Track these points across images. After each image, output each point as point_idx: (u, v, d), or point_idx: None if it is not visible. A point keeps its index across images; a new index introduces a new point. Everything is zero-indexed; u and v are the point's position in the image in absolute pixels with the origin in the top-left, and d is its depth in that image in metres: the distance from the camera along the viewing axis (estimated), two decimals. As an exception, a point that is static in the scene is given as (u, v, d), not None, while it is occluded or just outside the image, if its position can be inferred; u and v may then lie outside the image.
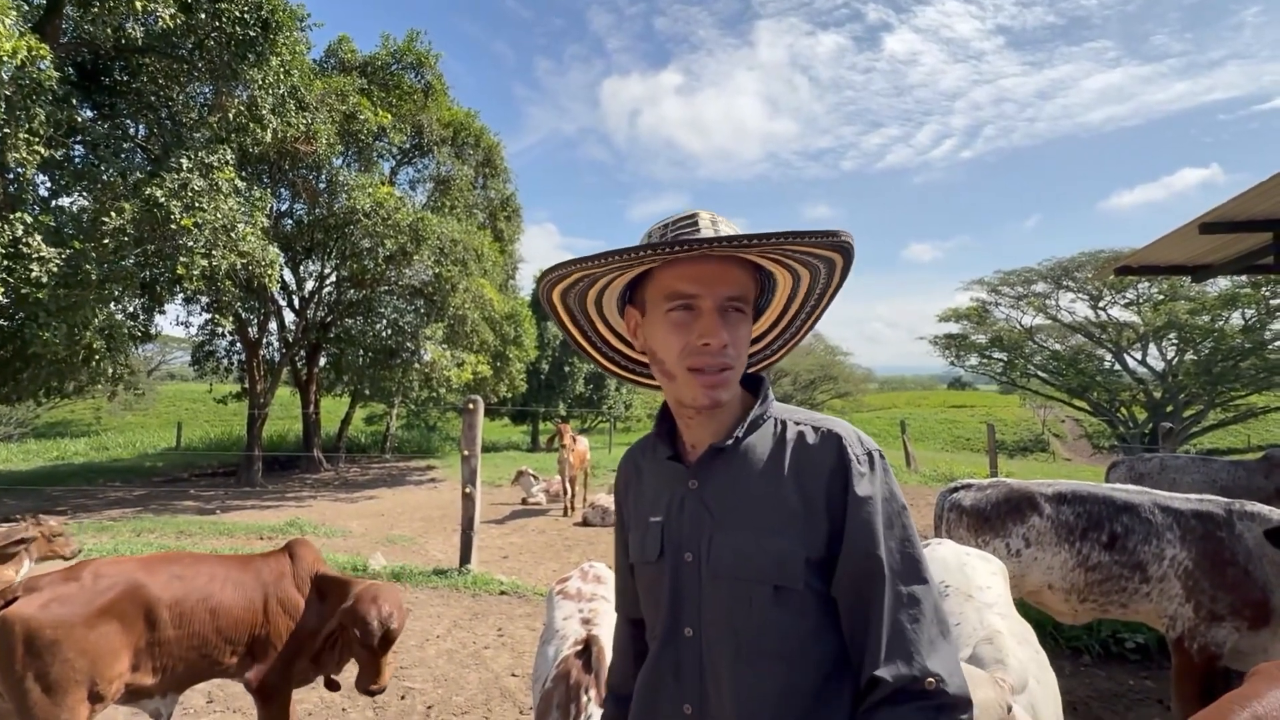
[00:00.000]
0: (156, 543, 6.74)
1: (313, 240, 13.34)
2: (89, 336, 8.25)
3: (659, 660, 0.93)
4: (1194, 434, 22.37)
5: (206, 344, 14.15)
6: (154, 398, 28.48)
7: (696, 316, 0.87)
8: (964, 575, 1.78)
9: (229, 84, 9.27)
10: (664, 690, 0.91)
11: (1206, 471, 4.22)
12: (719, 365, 0.87)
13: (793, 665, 0.83)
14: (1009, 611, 1.64)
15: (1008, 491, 2.94)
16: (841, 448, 0.87)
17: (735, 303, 0.88)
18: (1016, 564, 2.80)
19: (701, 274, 0.86)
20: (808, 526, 0.84)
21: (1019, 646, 1.41)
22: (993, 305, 26.07)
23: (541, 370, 21.67)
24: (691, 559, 0.90)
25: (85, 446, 19.29)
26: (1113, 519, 2.61)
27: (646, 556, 0.96)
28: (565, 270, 0.90)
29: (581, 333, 1.06)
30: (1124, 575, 2.54)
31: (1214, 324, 21.15)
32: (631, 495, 1.04)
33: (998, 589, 1.73)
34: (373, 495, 11.27)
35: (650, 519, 0.96)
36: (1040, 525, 2.77)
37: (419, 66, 14.02)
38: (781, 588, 0.83)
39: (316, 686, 3.45)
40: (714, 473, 0.91)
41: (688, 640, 0.89)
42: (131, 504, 10.06)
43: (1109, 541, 2.58)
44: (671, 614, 0.91)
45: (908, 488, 10.45)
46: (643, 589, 0.99)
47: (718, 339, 0.86)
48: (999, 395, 40.86)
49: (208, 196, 8.58)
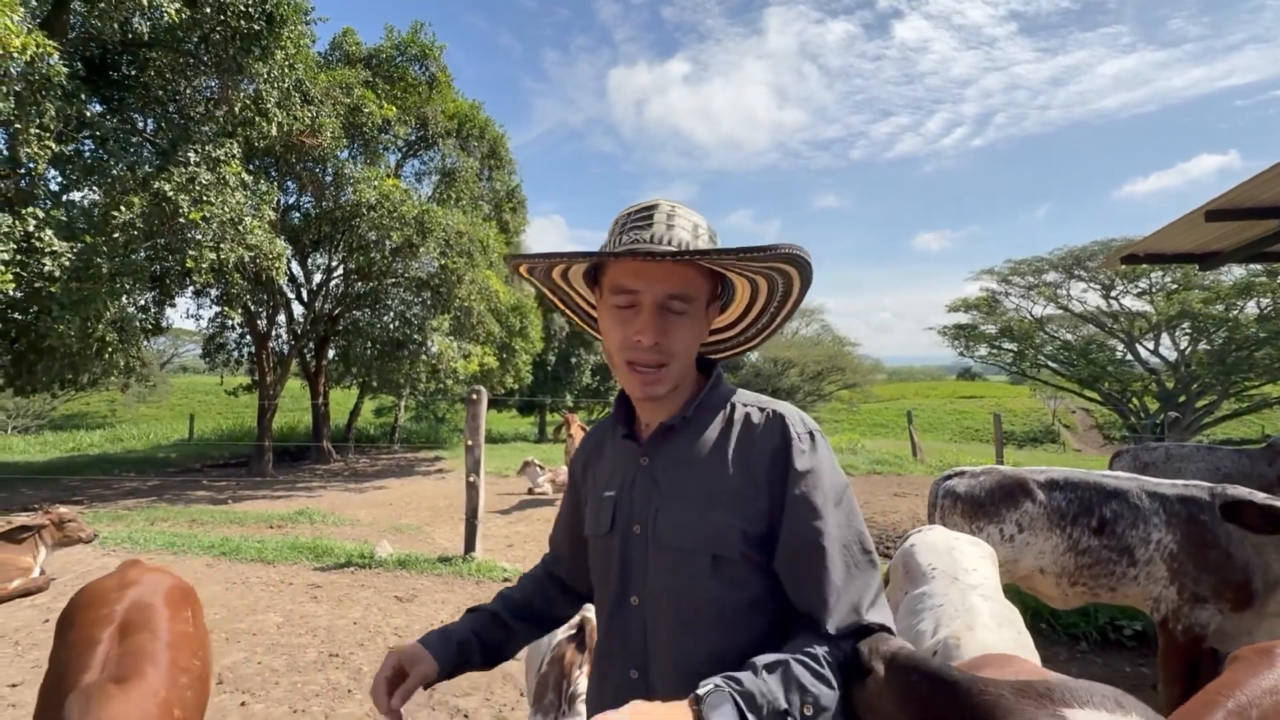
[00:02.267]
0: (170, 531, 6.86)
1: (320, 233, 13.42)
2: (101, 329, 8.37)
3: (609, 628, 0.97)
4: (1207, 424, 22.13)
5: (217, 336, 14.30)
6: (167, 390, 28.86)
7: (637, 312, 0.91)
8: (951, 559, 1.80)
9: (234, 78, 9.32)
10: (613, 656, 0.96)
11: (1211, 460, 4.20)
12: (652, 361, 0.90)
13: (729, 632, 0.87)
14: (994, 594, 1.66)
15: (1001, 478, 2.96)
16: (784, 426, 0.91)
17: (676, 301, 0.90)
18: (1010, 549, 2.82)
19: (645, 270, 0.90)
20: (748, 500, 0.88)
21: (998, 627, 1.43)
22: (1003, 295, 25.86)
23: (548, 362, 21.75)
24: (639, 531, 0.94)
25: (100, 438, 19.61)
26: (1102, 504, 2.63)
27: (599, 530, 1.00)
28: (527, 260, 0.98)
29: (555, 295, 1.13)
30: (1112, 559, 2.56)
31: (1228, 313, 20.87)
32: (590, 472, 1.09)
33: (984, 572, 1.75)
34: (381, 485, 11.40)
35: (604, 494, 1.01)
36: (1033, 511, 2.79)
37: (423, 59, 14.01)
38: (719, 557, 0.87)
39: (323, 668, 3.54)
40: (663, 450, 0.96)
41: (634, 608, 0.94)
42: (146, 494, 10.24)
43: (1098, 526, 2.60)
44: (620, 584, 0.95)
45: (913, 478, 10.44)
46: (594, 561, 1.03)
47: (649, 336, 0.89)
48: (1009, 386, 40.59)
49: (215, 190, 8.66)
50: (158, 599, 1.86)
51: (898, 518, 7.32)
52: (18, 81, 6.80)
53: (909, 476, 10.60)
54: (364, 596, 4.73)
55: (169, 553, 5.87)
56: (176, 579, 2.08)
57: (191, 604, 2.02)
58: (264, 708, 3.11)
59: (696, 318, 0.93)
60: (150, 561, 5.29)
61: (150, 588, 1.92)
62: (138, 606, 1.79)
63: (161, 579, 2.00)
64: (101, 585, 1.92)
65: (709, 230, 0.94)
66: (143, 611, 1.77)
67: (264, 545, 6.03)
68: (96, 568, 5.39)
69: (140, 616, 1.75)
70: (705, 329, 0.97)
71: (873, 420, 32.92)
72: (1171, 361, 23.32)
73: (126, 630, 1.69)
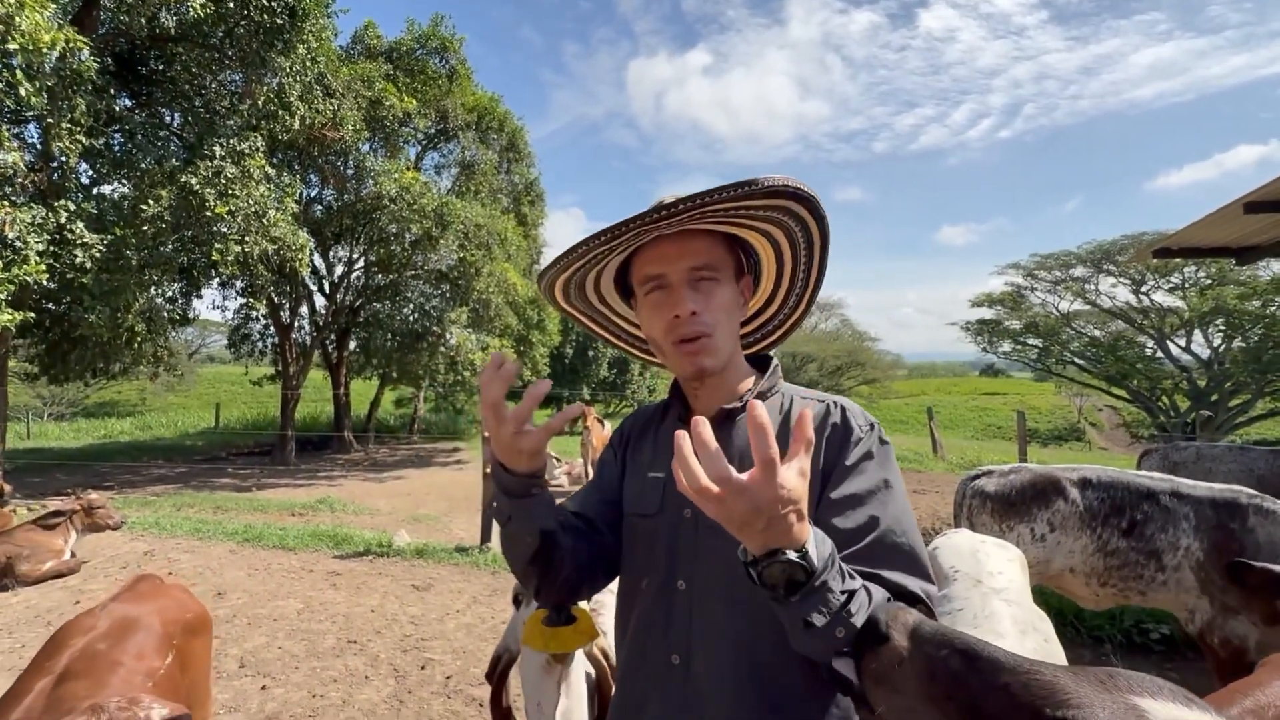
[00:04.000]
0: (195, 517, 7.03)
1: (341, 226, 13.58)
2: (130, 319, 8.58)
3: (650, 612, 0.95)
4: (1240, 424, 21.47)
5: (242, 328, 14.58)
6: (194, 380, 29.52)
7: (668, 293, 0.93)
8: (975, 561, 1.75)
9: (258, 71, 9.44)
10: (653, 641, 0.93)
11: (1244, 460, 4.07)
12: (694, 333, 0.91)
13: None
14: (1019, 599, 1.61)
15: (1033, 477, 2.90)
16: (845, 416, 0.92)
17: (702, 272, 0.92)
18: (1041, 549, 2.76)
19: (663, 253, 0.93)
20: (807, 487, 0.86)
21: (1020, 635, 1.39)
22: (1028, 290, 25.28)
23: (565, 354, 21.83)
24: (690, 515, 0.93)
25: (131, 426, 20.15)
26: (1134, 505, 2.55)
27: (644, 509, 0.98)
28: (550, 274, 0.99)
29: (595, 322, 1.14)
30: (1140, 562, 2.49)
31: (1265, 309, 20.17)
32: (631, 448, 1.08)
33: (1010, 575, 1.70)
34: (400, 475, 11.56)
35: (649, 474, 1.00)
36: (1065, 510, 2.73)
37: (443, 51, 14.07)
38: None
39: (341, 654, 3.59)
40: (721, 435, 0.93)
41: (680, 593, 0.92)
42: (173, 480, 10.50)
43: (1128, 528, 2.52)
44: (667, 568, 0.94)
45: (933, 475, 10.30)
46: (631, 540, 1.00)
47: (684, 308, 0.91)
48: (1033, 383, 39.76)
49: (240, 183, 8.80)
50: (127, 638, 1.59)
51: (917, 514, 7.20)
52: (49, 77, 6.96)
53: (929, 473, 10.46)
54: (381, 585, 4.79)
55: (194, 539, 6.01)
56: (178, 607, 1.84)
57: (189, 637, 1.78)
58: (284, 692, 3.17)
59: (728, 286, 0.95)
60: (177, 549, 5.35)
61: (132, 616, 1.68)
62: (88, 653, 1.51)
63: (152, 611, 1.74)
64: (78, 621, 1.66)
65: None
66: (91, 660, 1.50)
67: (285, 533, 6.15)
68: (125, 551, 5.54)
69: (87, 664, 1.48)
70: (740, 302, 0.98)
71: (893, 416, 32.50)
72: (1204, 359, 22.63)
73: (66, 677, 1.43)
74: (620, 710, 0.98)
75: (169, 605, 1.83)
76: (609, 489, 1.07)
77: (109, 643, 1.56)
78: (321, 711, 3.00)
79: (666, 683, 0.90)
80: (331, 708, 3.04)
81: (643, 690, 0.93)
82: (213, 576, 4.93)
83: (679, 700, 0.89)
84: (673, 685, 0.89)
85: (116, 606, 1.72)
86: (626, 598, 1.00)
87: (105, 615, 1.66)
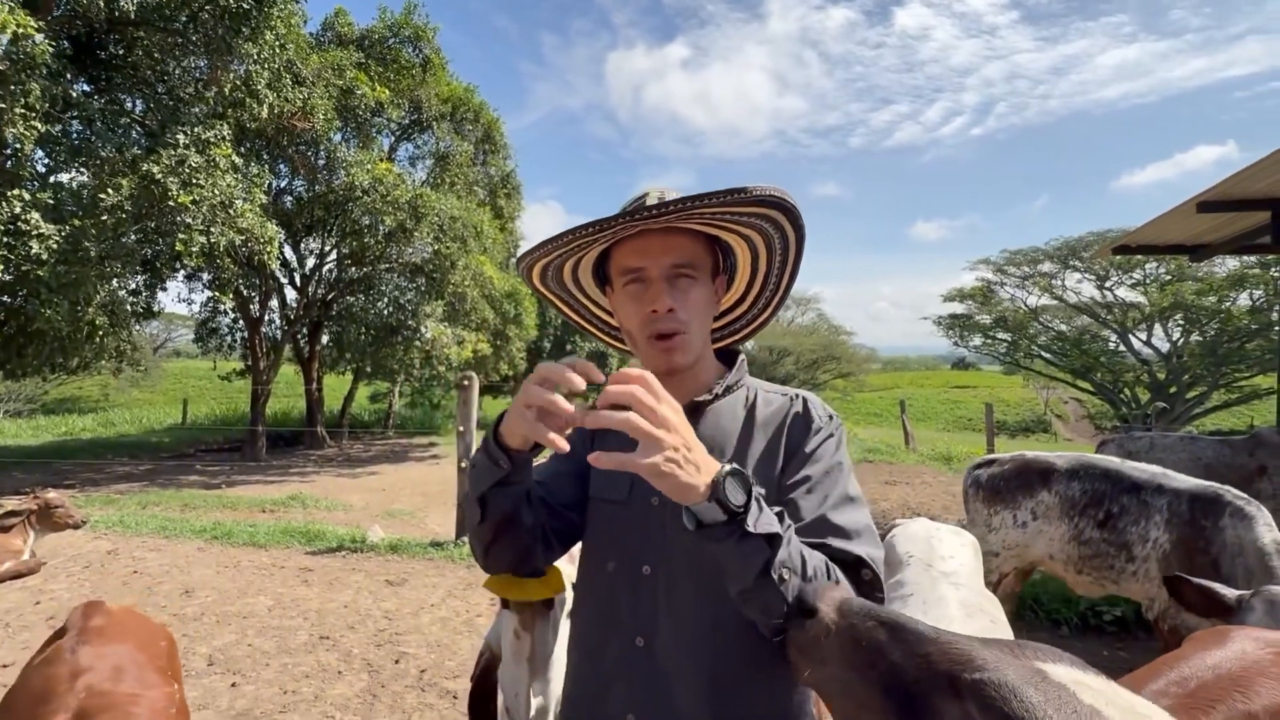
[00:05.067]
0: (162, 515, 6.88)
1: (312, 217, 13.32)
2: (91, 313, 8.32)
3: (615, 594, 0.97)
4: (1197, 415, 22.30)
5: (209, 321, 14.24)
6: (159, 375, 28.74)
7: (646, 287, 0.95)
8: (928, 546, 1.82)
9: (224, 58, 9.19)
10: (617, 624, 0.96)
11: (1193, 450, 4.25)
12: (669, 329, 0.94)
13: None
14: (968, 582, 1.68)
15: (1021, 465, 3.02)
16: (807, 408, 0.97)
17: (681, 269, 0.94)
18: (1022, 534, 2.87)
19: (645, 247, 0.94)
20: (768, 477, 0.93)
21: (967, 617, 1.45)
22: (998, 285, 25.86)
23: (543, 348, 21.72)
24: (658, 503, 0.95)
25: (93, 422, 19.54)
26: (1113, 498, 2.65)
27: (611, 495, 1.00)
28: (531, 256, 1.00)
29: (568, 306, 1.17)
30: (1110, 553, 2.59)
31: (1221, 305, 20.94)
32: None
33: (961, 559, 1.77)
34: (375, 471, 11.43)
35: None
36: (1048, 500, 2.84)
37: (417, 40, 13.84)
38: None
39: (313, 650, 3.57)
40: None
41: (646, 577, 0.94)
42: (138, 478, 10.24)
43: (1103, 519, 2.63)
44: (634, 553, 0.96)
45: (904, 466, 10.52)
46: (600, 524, 1.02)
47: (662, 304, 0.93)
48: (1003, 376, 40.78)
49: (205, 173, 8.57)
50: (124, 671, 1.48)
51: (887, 505, 7.39)
52: (1, 60, 6.69)
53: (900, 465, 10.68)
54: (355, 580, 4.76)
55: (160, 537, 5.88)
56: (148, 632, 1.72)
57: (172, 659, 1.68)
58: (254, 689, 3.14)
59: (704, 286, 0.97)
60: (142, 548, 5.21)
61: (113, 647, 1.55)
62: (96, 692, 1.39)
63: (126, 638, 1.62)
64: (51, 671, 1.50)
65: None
66: (104, 696, 1.38)
67: (256, 529, 6.06)
68: (87, 550, 5.40)
69: (102, 701, 1.37)
70: (714, 302, 1.01)
71: (867, 409, 33.06)
72: (1164, 353, 23.43)
73: (85, 716, 1.33)
74: (582, 687, 0.99)
75: (138, 629, 1.74)
76: (576, 462, 1.06)
77: (111, 679, 1.46)
78: (293, 707, 2.98)
79: (631, 664, 0.93)
80: (303, 703, 3.02)
81: (607, 671, 0.95)
82: (179, 574, 4.84)
83: (644, 681, 0.91)
84: (637, 666, 0.92)
85: (86, 645, 1.59)
86: (588, 580, 1.02)
87: (83, 654, 1.54)
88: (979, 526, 3.12)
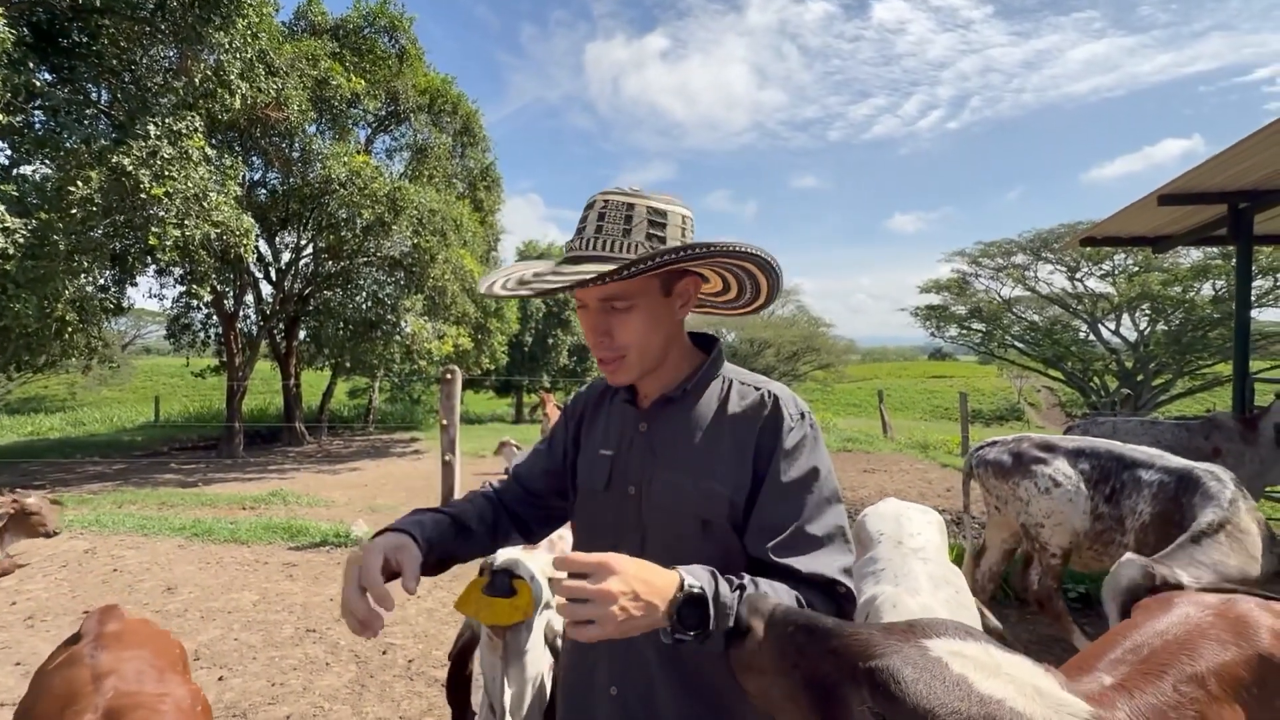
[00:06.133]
0: (139, 513, 6.77)
1: (288, 210, 13.09)
2: (60, 309, 8.13)
3: None
4: (1162, 402, 23.03)
5: (182, 317, 13.94)
6: (129, 372, 28.03)
7: (587, 315, 0.99)
8: (897, 525, 1.92)
9: (194, 47, 8.97)
10: None
11: (1154, 433, 4.43)
12: (608, 356, 0.98)
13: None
14: (935, 556, 1.78)
15: (1027, 441, 3.13)
16: (778, 405, 0.98)
17: (613, 301, 0.95)
18: (1050, 501, 2.92)
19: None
20: (738, 472, 0.96)
21: (934, 589, 1.55)
22: (973, 277, 26.34)
23: (525, 342, 21.66)
24: (634, 492, 1.01)
25: (61, 421, 19.05)
26: (1118, 474, 2.75)
27: (593, 485, 1.06)
28: (485, 288, 1.00)
29: (542, 294, 1.17)
30: (1113, 528, 2.70)
31: (1185, 295, 21.60)
32: (585, 423, 1.14)
33: (927, 536, 1.88)
34: (356, 467, 11.35)
35: (600, 451, 1.07)
36: (1064, 469, 2.90)
37: (392, 30, 13.63)
38: (709, 522, 0.95)
39: (300, 643, 3.58)
40: (662, 419, 1.03)
41: None
42: (111, 478, 10.04)
43: (1109, 495, 2.73)
44: (614, 542, 1.00)
45: (882, 455, 10.74)
46: (585, 515, 1.09)
47: (594, 335, 0.98)
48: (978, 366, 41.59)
49: (178, 165, 8.39)
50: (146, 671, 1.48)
51: (866, 493, 7.56)
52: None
53: (879, 454, 10.90)
54: (340, 574, 4.75)
55: (139, 535, 5.81)
56: (162, 637, 1.72)
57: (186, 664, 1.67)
58: (241, 681, 3.16)
59: (646, 310, 0.96)
60: (120, 546, 5.13)
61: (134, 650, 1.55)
62: (123, 692, 1.39)
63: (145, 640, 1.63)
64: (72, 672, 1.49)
65: (646, 215, 0.94)
66: (131, 696, 1.38)
67: (237, 526, 6.01)
68: (64, 550, 5.32)
69: (129, 700, 1.36)
70: (671, 312, 0.99)
71: (846, 400, 33.54)
72: (1131, 342, 24.12)
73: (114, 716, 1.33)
74: (572, 672, 1.08)
75: (154, 636, 1.76)
76: (554, 459, 1.15)
77: (136, 680, 1.48)
78: (282, 699, 3.01)
79: (614, 643, 0.98)
80: (292, 694, 3.04)
81: (592, 657, 1.03)
82: (161, 572, 4.80)
83: (624, 663, 0.99)
84: (618, 650, 0.98)
85: (105, 649, 1.60)
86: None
87: (103, 658, 1.54)
88: (1010, 504, 3.09)
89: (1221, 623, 1.15)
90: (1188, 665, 1.07)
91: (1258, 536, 2.21)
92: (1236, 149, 4.01)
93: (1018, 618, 3.75)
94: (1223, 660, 1.06)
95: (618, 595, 0.72)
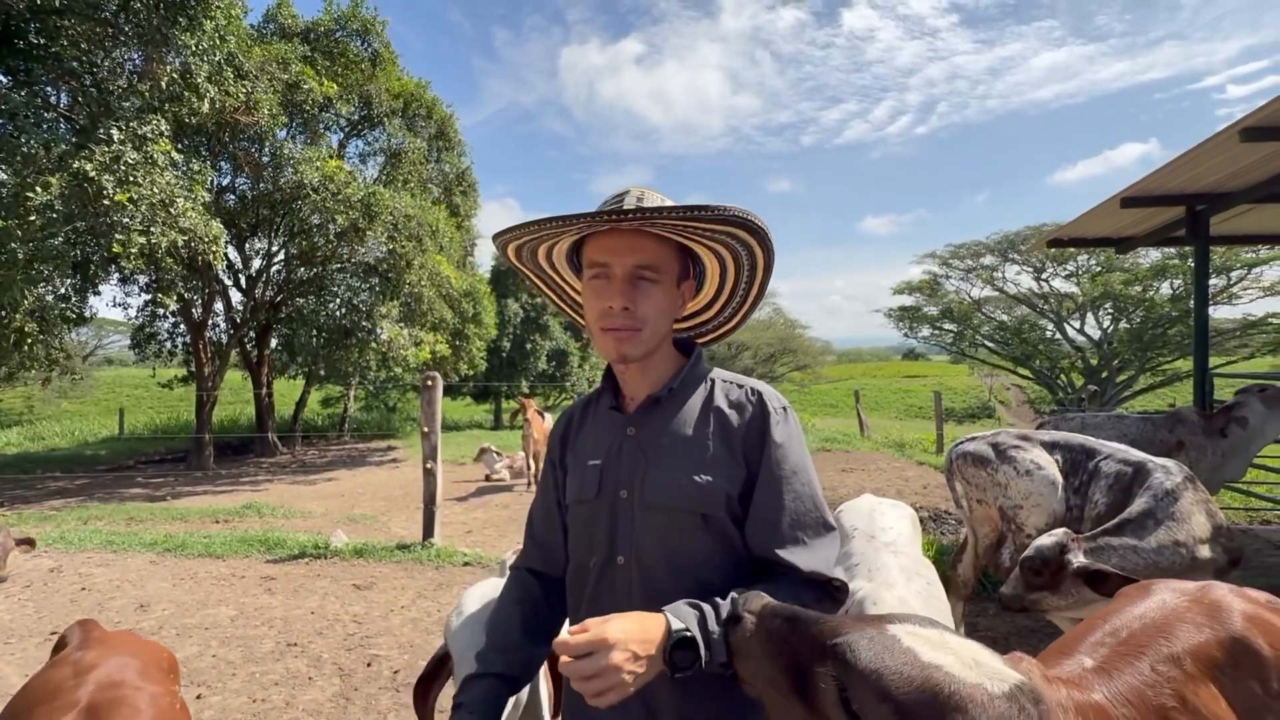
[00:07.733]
0: (106, 529, 6.55)
1: (258, 216, 12.83)
2: (19, 319, 7.85)
3: (598, 587, 1.04)
4: (1125, 397, 23.80)
5: (147, 326, 13.54)
6: (91, 384, 27.14)
7: (609, 283, 1.00)
8: (870, 519, 1.98)
9: (159, 50, 8.75)
10: (600, 612, 1.01)
11: (1119, 427, 4.58)
12: (624, 325, 0.99)
13: (714, 578, 0.98)
14: (907, 550, 1.84)
15: (1004, 434, 3.21)
16: (762, 401, 1.03)
17: (644, 271, 0.99)
18: (1030, 483, 2.96)
19: (613, 245, 0.99)
20: (729, 466, 0.99)
21: (906, 581, 1.60)
22: (944, 278, 26.96)
23: (503, 348, 21.48)
24: (626, 495, 1.02)
25: (18, 436, 18.32)
26: (1084, 466, 2.84)
27: (584, 495, 1.07)
28: (505, 236, 1.05)
29: (543, 282, 1.22)
30: (1080, 518, 2.78)
31: (1145, 294, 22.39)
32: (570, 446, 1.15)
33: (899, 530, 1.94)
34: (332, 477, 11.13)
35: (589, 462, 1.08)
36: (1041, 457, 2.98)
37: (365, 33, 13.46)
38: (708, 516, 0.98)
39: (281, 657, 3.51)
40: (649, 420, 1.05)
41: (621, 567, 1.02)
42: (74, 494, 9.69)
43: (1078, 487, 2.82)
44: (609, 546, 1.03)
45: (859, 454, 10.90)
46: (577, 525, 1.10)
47: (619, 302, 0.98)
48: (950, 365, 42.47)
49: (143, 170, 8.16)
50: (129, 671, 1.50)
51: (845, 492, 7.66)
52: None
53: (856, 452, 11.06)
54: (321, 586, 4.67)
55: (108, 551, 5.62)
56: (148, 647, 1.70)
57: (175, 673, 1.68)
58: (221, 699, 3.08)
59: (667, 289, 1.01)
60: (88, 563, 4.95)
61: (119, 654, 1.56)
62: (106, 685, 1.42)
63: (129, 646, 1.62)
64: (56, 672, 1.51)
65: (678, 205, 0.99)
66: (115, 688, 1.41)
67: (211, 540, 5.85)
68: (27, 569, 5.12)
69: (111, 694, 1.39)
70: (677, 304, 1.05)
71: (823, 400, 33.96)
72: (1095, 340, 24.90)
73: (95, 711, 1.36)
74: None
75: (141, 644, 1.73)
76: (550, 501, 1.16)
77: (119, 674, 1.50)
78: (264, 715, 2.94)
79: None
80: (274, 710, 2.98)
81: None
82: (133, 589, 4.65)
83: None
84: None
85: (90, 650, 1.61)
86: (576, 578, 1.09)
87: (88, 657, 1.56)
88: (989, 491, 3.14)
89: (1197, 607, 1.20)
90: (1165, 647, 1.12)
91: (1195, 526, 2.27)
92: (1193, 153, 4.19)
93: (997, 610, 3.84)
94: (1198, 642, 1.10)
95: (621, 665, 0.78)
